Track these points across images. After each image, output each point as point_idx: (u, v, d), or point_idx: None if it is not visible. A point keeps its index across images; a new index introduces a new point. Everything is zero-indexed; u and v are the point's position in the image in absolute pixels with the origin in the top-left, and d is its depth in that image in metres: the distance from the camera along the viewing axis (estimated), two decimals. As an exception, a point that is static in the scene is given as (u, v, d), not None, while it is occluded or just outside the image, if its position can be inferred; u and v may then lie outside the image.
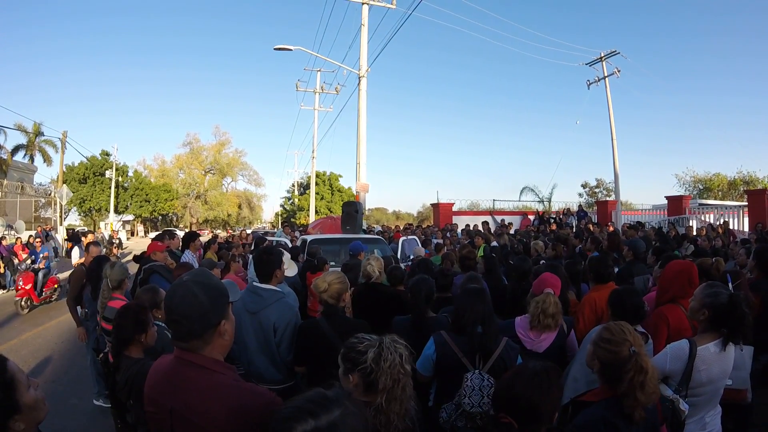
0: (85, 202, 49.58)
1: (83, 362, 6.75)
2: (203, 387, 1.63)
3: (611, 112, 23.10)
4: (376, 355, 1.96)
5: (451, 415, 2.77)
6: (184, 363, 1.69)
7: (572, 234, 11.85)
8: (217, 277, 1.85)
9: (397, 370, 1.95)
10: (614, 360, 2.13)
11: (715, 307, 2.77)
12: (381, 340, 2.02)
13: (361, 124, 15.66)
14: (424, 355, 3.08)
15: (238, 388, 1.65)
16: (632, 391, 2.05)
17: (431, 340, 3.07)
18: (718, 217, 17.18)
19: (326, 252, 7.76)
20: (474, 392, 2.68)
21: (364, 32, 15.89)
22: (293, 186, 54.17)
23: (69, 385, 6.39)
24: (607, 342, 2.19)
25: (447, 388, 2.94)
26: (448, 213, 22.41)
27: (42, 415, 1.60)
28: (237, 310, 3.53)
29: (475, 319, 2.91)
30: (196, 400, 1.62)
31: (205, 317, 1.67)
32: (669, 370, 2.74)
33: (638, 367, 2.07)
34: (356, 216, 11.82)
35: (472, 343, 2.89)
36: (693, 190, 36.14)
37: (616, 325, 2.26)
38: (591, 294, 4.22)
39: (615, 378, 2.11)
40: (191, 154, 60.34)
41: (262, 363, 3.45)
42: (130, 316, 2.94)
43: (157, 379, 1.77)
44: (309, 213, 35.10)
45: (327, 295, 3.32)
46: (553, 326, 3.41)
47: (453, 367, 2.91)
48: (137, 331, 2.92)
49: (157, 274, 5.69)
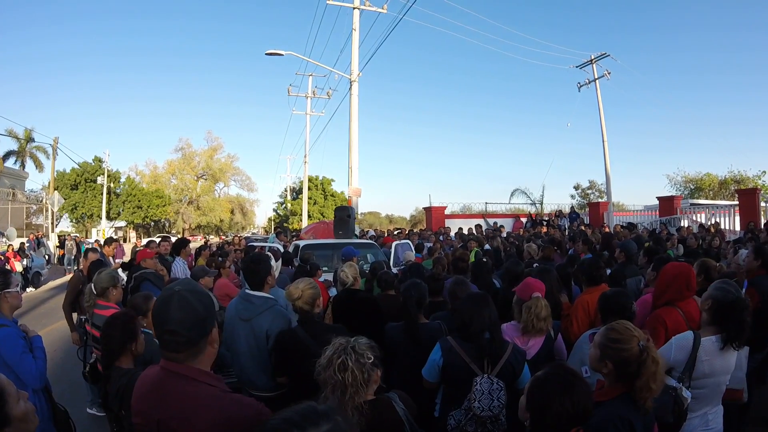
0: (77, 209, 49.22)
1: (76, 371, 6.68)
2: (190, 398, 1.61)
3: (602, 114, 23.21)
4: (326, 359, 2.12)
5: (460, 421, 2.77)
6: (171, 374, 1.67)
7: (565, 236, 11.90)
8: (201, 285, 1.86)
9: (329, 372, 2.09)
10: (628, 358, 2.14)
11: (719, 302, 2.89)
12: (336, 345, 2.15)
13: (353, 129, 15.68)
14: (430, 361, 3.06)
15: (225, 399, 1.64)
16: (648, 383, 2.09)
17: (437, 346, 3.05)
18: (709, 217, 17.32)
19: (319, 257, 7.76)
20: (484, 396, 2.68)
21: (355, 37, 15.92)
22: (286, 191, 54.11)
23: (62, 393, 6.31)
24: (616, 342, 2.18)
25: (454, 395, 2.93)
26: (440, 216, 22.45)
27: (32, 427, 1.60)
28: (230, 317, 3.55)
29: (483, 324, 2.91)
30: (183, 411, 1.60)
31: (202, 324, 1.68)
32: (674, 360, 2.81)
33: (651, 358, 2.12)
34: (349, 221, 11.82)
35: (480, 349, 2.88)
36: (684, 190, 36.34)
37: (620, 324, 2.27)
38: (584, 296, 4.22)
39: (631, 374, 2.13)
40: (183, 160, 60.19)
41: (253, 370, 3.43)
42: (118, 326, 2.89)
43: (144, 390, 1.75)
44: (302, 218, 35.06)
45: (301, 302, 3.29)
46: (545, 329, 3.43)
47: (461, 372, 2.89)
48: (127, 341, 2.87)
49: (148, 281, 5.65)
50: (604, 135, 23.00)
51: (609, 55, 23.41)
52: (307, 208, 34.64)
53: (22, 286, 15.55)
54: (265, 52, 16.67)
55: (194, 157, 60.77)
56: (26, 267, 17.95)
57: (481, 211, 24.71)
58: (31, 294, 16.55)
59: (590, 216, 22.26)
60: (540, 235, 13.41)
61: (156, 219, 55.65)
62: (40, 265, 19.32)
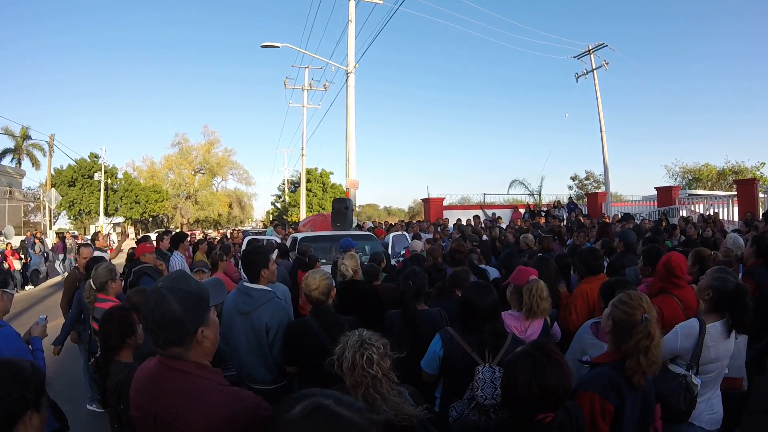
0: (75, 206, 49.17)
1: (76, 367, 6.69)
2: (186, 392, 1.60)
3: (600, 104, 23.26)
4: (339, 354, 2.10)
5: (462, 412, 2.76)
6: (167, 367, 1.66)
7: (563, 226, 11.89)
8: (197, 280, 1.77)
9: (358, 371, 2.04)
10: (626, 321, 2.30)
11: (721, 292, 2.94)
12: (351, 343, 2.11)
13: (350, 121, 15.65)
14: (430, 352, 3.04)
15: (221, 393, 1.61)
16: (636, 353, 2.21)
17: (437, 337, 3.03)
18: (707, 207, 17.29)
19: (317, 249, 7.74)
20: (486, 385, 2.67)
21: (351, 28, 15.86)
22: (284, 183, 54.03)
23: (61, 390, 6.32)
24: (624, 304, 2.35)
25: (455, 386, 2.92)
26: (439, 208, 22.39)
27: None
28: (228, 310, 3.54)
29: (485, 314, 2.90)
30: (179, 405, 1.58)
31: (180, 326, 1.62)
32: (680, 348, 2.85)
33: (646, 332, 2.23)
34: (346, 213, 11.80)
35: (481, 339, 2.87)
36: (682, 180, 36.35)
37: (636, 293, 2.42)
38: (582, 286, 4.23)
39: (625, 339, 2.27)
40: (180, 155, 59.91)
41: (253, 364, 3.43)
42: (114, 322, 2.86)
43: (141, 383, 1.74)
44: (300, 210, 35.05)
45: (318, 292, 3.31)
46: (548, 309, 3.45)
47: (462, 363, 2.87)
48: (125, 336, 2.85)
49: (147, 275, 5.68)
50: (602, 125, 23.04)
51: (607, 46, 23.46)
52: (305, 200, 34.59)
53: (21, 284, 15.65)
54: (261, 45, 16.65)
55: (191, 151, 60.44)
56: (25, 265, 17.93)
57: (479, 202, 24.66)
58: (30, 292, 16.54)
59: (588, 207, 22.24)
60: (538, 225, 13.42)
61: (154, 214, 55.57)
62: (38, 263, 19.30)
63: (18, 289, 15.80)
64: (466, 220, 14.49)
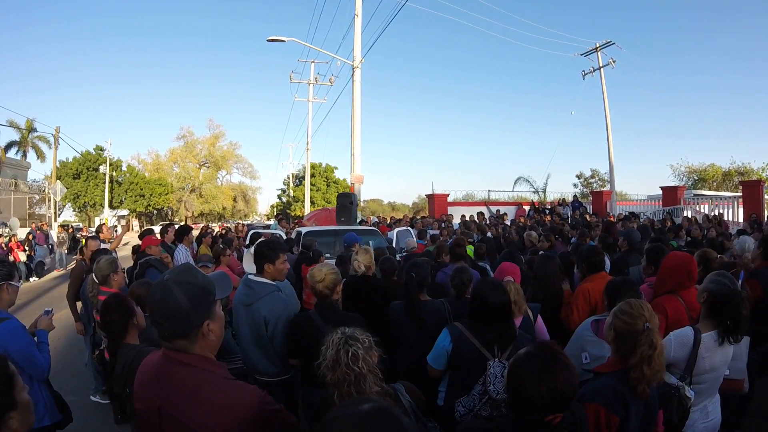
0: (80, 198, 49.30)
1: (80, 359, 6.73)
2: (190, 385, 1.60)
3: (606, 102, 23.11)
4: (331, 360, 2.08)
5: (472, 407, 2.75)
6: (172, 361, 1.66)
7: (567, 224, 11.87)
8: (203, 273, 1.76)
9: (341, 368, 2.03)
10: (628, 331, 2.26)
11: (714, 295, 2.90)
12: (334, 341, 2.11)
13: (356, 116, 15.59)
14: (437, 347, 3.03)
15: (225, 386, 1.62)
16: (640, 364, 2.17)
17: (445, 332, 3.02)
18: (712, 208, 17.23)
19: (321, 244, 7.75)
20: (497, 380, 2.67)
21: (357, 23, 15.78)
22: (288, 177, 54.04)
23: (66, 382, 6.36)
24: (625, 314, 2.31)
25: (463, 381, 2.89)
26: (443, 204, 22.38)
27: (32, 420, 1.61)
28: (235, 301, 3.58)
29: (496, 310, 2.88)
30: (183, 398, 1.59)
31: (186, 319, 1.61)
32: (673, 358, 2.80)
33: (649, 341, 2.20)
34: (351, 207, 11.80)
35: (492, 335, 2.86)
36: (687, 180, 36.24)
37: (636, 301, 2.38)
38: (584, 284, 4.19)
39: (627, 349, 2.24)
40: (185, 148, 59.95)
41: (255, 355, 3.48)
42: (113, 309, 2.86)
43: (146, 377, 1.75)
44: (304, 204, 35.05)
45: (323, 285, 3.31)
46: (517, 313, 3.38)
47: (471, 358, 2.87)
48: (126, 319, 2.85)
49: (153, 268, 5.70)
50: (608, 124, 22.91)
51: (614, 44, 23.28)
52: (309, 194, 34.59)
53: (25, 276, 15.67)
54: (267, 39, 16.58)
55: (196, 145, 60.48)
56: (29, 257, 18.02)
57: (483, 198, 24.59)
58: (35, 284, 16.63)
59: (593, 205, 22.18)
60: (542, 223, 13.40)
61: (159, 207, 55.72)
62: (43, 255, 19.40)
63: (23, 281, 15.88)
64: (469, 216, 14.47)
